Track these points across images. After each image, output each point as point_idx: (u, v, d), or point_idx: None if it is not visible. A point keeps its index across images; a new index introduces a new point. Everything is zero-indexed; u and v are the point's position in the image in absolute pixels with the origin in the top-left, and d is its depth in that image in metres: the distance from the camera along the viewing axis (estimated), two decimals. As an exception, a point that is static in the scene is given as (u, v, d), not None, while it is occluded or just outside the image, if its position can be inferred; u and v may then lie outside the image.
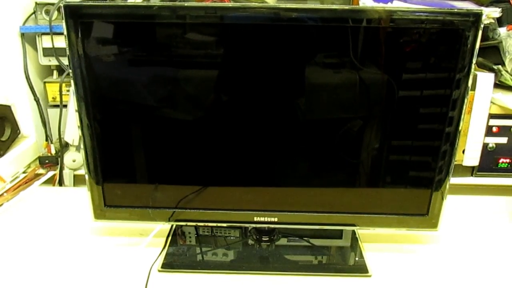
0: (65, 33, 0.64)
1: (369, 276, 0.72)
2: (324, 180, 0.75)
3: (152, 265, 0.73)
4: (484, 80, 0.92)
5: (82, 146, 0.71)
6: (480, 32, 0.62)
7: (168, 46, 0.66)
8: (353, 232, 0.84)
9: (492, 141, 0.98)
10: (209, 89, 0.69)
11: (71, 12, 0.63)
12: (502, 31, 0.95)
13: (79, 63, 0.66)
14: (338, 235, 0.85)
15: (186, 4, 0.64)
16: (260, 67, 0.67)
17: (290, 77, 0.68)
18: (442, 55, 0.64)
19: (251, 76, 0.68)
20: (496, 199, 0.98)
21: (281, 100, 0.69)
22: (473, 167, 1.02)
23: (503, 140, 0.98)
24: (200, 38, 0.65)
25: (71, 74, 0.67)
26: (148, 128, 0.71)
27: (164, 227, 0.81)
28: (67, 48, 0.65)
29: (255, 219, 0.74)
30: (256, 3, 0.69)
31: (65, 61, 1.03)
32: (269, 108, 0.69)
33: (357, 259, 0.77)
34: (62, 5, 0.63)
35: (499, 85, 0.97)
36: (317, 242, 0.82)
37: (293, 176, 0.74)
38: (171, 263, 0.74)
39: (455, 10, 0.62)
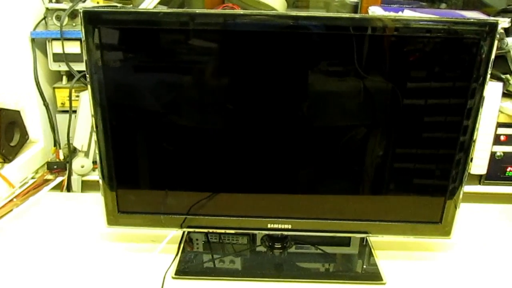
0: (83, 38, 0.65)
1: (384, 283, 0.72)
2: (336, 187, 0.75)
3: (166, 271, 0.72)
4: (492, 89, 0.93)
5: (97, 151, 0.71)
6: (495, 42, 0.63)
7: (189, 52, 0.66)
8: (364, 240, 0.84)
9: (500, 149, 0.99)
10: (217, 96, 0.69)
11: (90, 18, 0.64)
12: (510, 40, 0.96)
13: (96, 68, 0.66)
14: (346, 242, 0.85)
15: (199, 11, 0.64)
16: (267, 74, 0.67)
17: (296, 85, 0.68)
18: (458, 65, 0.65)
19: (257, 83, 0.68)
20: (505, 206, 0.99)
21: (289, 106, 0.69)
22: (480, 175, 1.02)
23: (511, 148, 0.99)
24: (215, 45, 0.66)
25: (87, 79, 0.67)
26: (160, 134, 0.71)
27: (177, 233, 0.81)
28: (85, 54, 0.66)
29: (269, 225, 0.74)
30: (261, 11, 0.69)
31: (75, 66, 1.03)
32: (278, 114, 0.69)
33: (370, 266, 0.77)
34: (81, 11, 0.63)
35: (507, 94, 0.98)
36: (328, 249, 0.82)
37: (306, 183, 0.75)
38: (185, 270, 0.74)
39: (471, 20, 0.63)
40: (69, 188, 1.05)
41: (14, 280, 0.71)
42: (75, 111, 1.04)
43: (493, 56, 0.63)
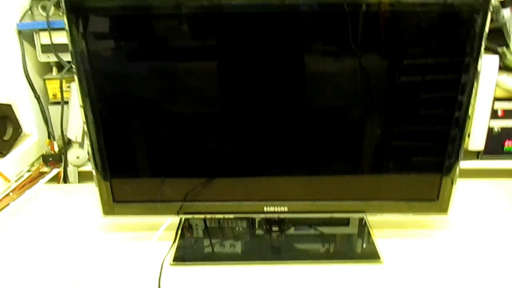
0: (67, 28, 0.63)
1: (381, 262, 0.72)
2: (332, 168, 0.74)
3: (164, 259, 0.73)
4: (488, 63, 0.91)
5: (88, 142, 0.70)
6: (489, 15, 0.61)
7: (174, 37, 0.65)
8: (362, 219, 0.84)
9: (498, 124, 0.98)
10: (211, 81, 0.68)
11: (72, 6, 0.62)
12: (506, 13, 0.94)
13: (82, 58, 0.65)
14: (345, 222, 0.85)
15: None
16: (260, 55, 0.66)
17: (292, 66, 0.67)
18: (452, 40, 0.64)
19: (251, 65, 0.67)
20: (503, 182, 0.98)
21: (283, 89, 0.68)
22: (478, 151, 1.01)
23: (509, 123, 0.98)
24: (205, 30, 0.65)
25: (74, 70, 0.66)
26: (152, 122, 0.70)
27: (174, 220, 0.81)
28: (69, 44, 0.64)
29: (265, 209, 0.74)
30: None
31: (64, 57, 1.02)
32: (272, 97, 0.68)
33: (368, 245, 0.77)
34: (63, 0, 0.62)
35: (504, 68, 0.96)
36: (326, 230, 0.82)
37: (301, 164, 0.74)
38: (182, 256, 0.74)
39: (463, -7, 0.61)
40: (65, 180, 1.05)
41: (13, 273, 0.71)
42: (67, 102, 1.03)
43: (486, 30, 0.62)
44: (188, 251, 0.76)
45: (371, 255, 0.74)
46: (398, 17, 0.63)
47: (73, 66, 0.66)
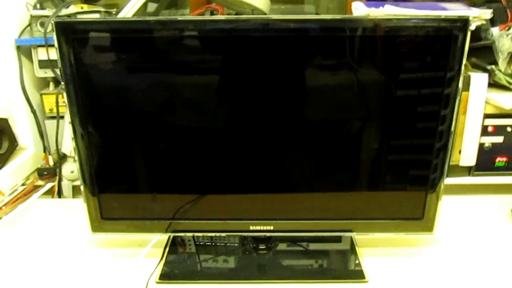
0: (57, 47, 0.65)
1: (366, 281, 0.72)
2: (320, 185, 0.75)
3: (150, 276, 0.73)
4: (478, 80, 0.92)
5: (76, 157, 0.71)
6: (468, 35, 0.63)
7: (161, 57, 0.66)
8: (350, 237, 0.84)
9: (488, 140, 0.98)
10: (205, 98, 0.69)
11: (62, 29, 0.64)
12: (495, 31, 0.95)
13: (71, 76, 0.67)
14: (337, 239, 0.85)
15: (179, 18, 0.64)
16: (258, 74, 0.67)
17: (288, 83, 0.68)
18: (434, 58, 0.65)
19: (246, 84, 0.68)
20: (494, 198, 0.98)
21: (277, 106, 0.69)
22: (470, 167, 1.01)
23: (499, 139, 0.98)
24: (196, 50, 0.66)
25: (63, 87, 0.68)
26: (141, 138, 0.71)
27: (162, 237, 0.82)
28: (59, 63, 0.66)
29: (251, 227, 0.74)
30: (245, 16, 0.69)
31: (60, 72, 1.03)
32: (265, 114, 0.69)
33: (354, 264, 0.77)
34: (53, 22, 0.64)
35: (493, 84, 0.97)
36: (315, 247, 0.82)
37: (288, 182, 0.75)
38: (168, 274, 0.75)
39: (444, 16, 0.63)
40: (60, 194, 1.06)
41: (3, 286, 0.72)
42: (62, 117, 1.05)
43: (466, 48, 0.64)
44: (175, 269, 0.76)
45: (356, 274, 0.74)
46: (388, 39, 0.65)
47: (62, 83, 0.67)
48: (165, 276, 0.74)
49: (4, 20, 1.01)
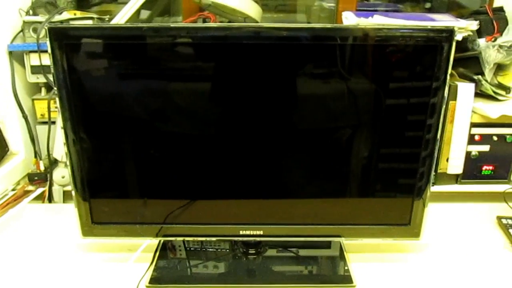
0: (50, 53, 0.66)
1: (354, 286, 0.73)
2: (309, 191, 0.76)
3: (140, 281, 0.73)
4: (465, 90, 0.94)
5: (68, 162, 0.72)
6: (453, 45, 0.65)
7: (154, 64, 0.67)
8: (339, 242, 0.85)
9: (475, 149, 1.00)
10: (196, 105, 0.70)
11: (56, 34, 0.65)
12: (482, 42, 0.97)
13: (64, 82, 0.67)
14: (327, 245, 0.86)
15: (171, 25, 0.66)
16: (247, 83, 0.68)
17: (279, 90, 0.69)
18: (421, 67, 0.67)
19: (238, 91, 0.69)
20: (481, 205, 1.00)
21: (268, 113, 0.70)
22: (457, 175, 1.03)
23: (486, 148, 1.00)
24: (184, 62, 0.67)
25: (56, 92, 0.68)
26: (132, 144, 0.72)
27: (152, 242, 0.82)
28: (52, 68, 0.67)
29: (241, 232, 0.75)
30: (238, 24, 0.70)
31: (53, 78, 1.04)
32: (256, 121, 0.70)
33: (342, 269, 0.78)
34: (46, 27, 0.64)
35: (480, 94, 0.99)
36: (304, 252, 0.83)
37: (279, 188, 0.76)
38: (158, 279, 0.75)
39: (431, 26, 0.65)
40: (50, 199, 1.06)
41: (-10, 293, 0.72)
42: (54, 122, 1.05)
43: (451, 58, 0.65)
44: (165, 273, 0.77)
45: (344, 279, 0.75)
46: (377, 48, 0.66)
47: (55, 89, 0.68)
48: (155, 281, 0.74)
49: (-3, 26, 1.01)
